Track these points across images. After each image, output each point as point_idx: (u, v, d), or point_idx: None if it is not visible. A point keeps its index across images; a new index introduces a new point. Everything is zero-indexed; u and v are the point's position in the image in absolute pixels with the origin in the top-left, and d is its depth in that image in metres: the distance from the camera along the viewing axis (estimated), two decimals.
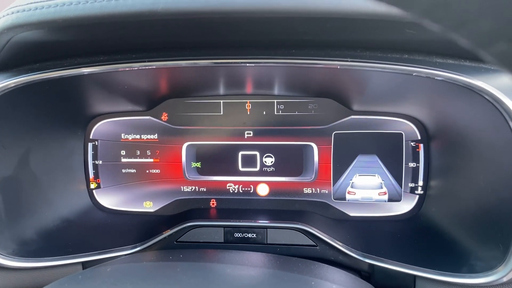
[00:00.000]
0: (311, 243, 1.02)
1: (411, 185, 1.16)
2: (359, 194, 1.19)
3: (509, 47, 0.23)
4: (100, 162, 1.24)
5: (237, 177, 1.23)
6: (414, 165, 1.16)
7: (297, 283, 0.72)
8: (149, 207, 1.26)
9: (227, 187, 1.24)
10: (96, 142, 1.24)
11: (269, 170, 1.22)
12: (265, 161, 1.22)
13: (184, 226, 1.05)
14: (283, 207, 1.22)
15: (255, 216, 1.13)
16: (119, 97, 1.14)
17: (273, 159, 1.21)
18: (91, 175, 1.24)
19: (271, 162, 1.21)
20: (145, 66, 0.86)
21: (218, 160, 1.23)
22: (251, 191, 1.23)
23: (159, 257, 0.83)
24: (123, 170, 1.25)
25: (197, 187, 1.25)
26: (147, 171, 1.25)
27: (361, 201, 1.19)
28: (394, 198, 1.18)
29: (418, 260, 0.92)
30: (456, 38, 0.25)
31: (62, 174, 1.16)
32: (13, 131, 0.98)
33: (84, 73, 0.88)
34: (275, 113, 1.20)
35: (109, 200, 1.26)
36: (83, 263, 0.99)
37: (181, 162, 1.23)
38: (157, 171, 1.25)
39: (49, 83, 0.89)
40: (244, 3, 0.65)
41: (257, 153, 1.21)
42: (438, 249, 0.97)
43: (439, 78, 0.80)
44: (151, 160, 1.24)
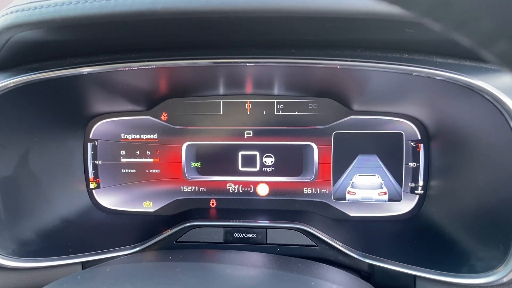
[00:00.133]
0: (311, 243, 1.02)
1: (411, 185, 1.16)
2: (359, 194, 1.19)
3: (510, 46, 0.23)
4: (100, 162, 1.24)
5: (237, 177, 1.23)
6: (414, 165, 1.15)
7: (297, 283, 0.71)
8: (148, 207, 1.25)
9: (227, 187, 1.24)
10: (96, 142, 1.24)
11: (269, 170, 1.22)
12: (265, 161, 1.21)
13: (183, 226, 1.05)
14: (283, 207, 1.22)
15: (255, 216, 1.13)
16: (118, 97, 1.14)
17: (273, 159, 1.21)
18: (90, 175, 1.24)
19: (271, 162, 1.21)
20: (144, 66, 0.86)
21: (218, 160, 1.23)
22: (251, 191, 1.23)
23: (159, 257, 0.82)
24: (122, 170, 1.25)
25: (197, 187, 1.25)
26: (147, 171, 1.25)
27: (361, 201, 1.19)
28: (394, 198, 1.18)
29: (418, 260, 0.92)
30: (457, 38, 0.25)
31: (61, 174, 1.16)
32: (12, 131, 0.98)
33: (83, 73, 0.87)
34: (275, 113, 1.20)
35: (108, 200, 1.26)
36: (82, 263, 0.99)
37: (181, 162, 1.23)
38: (157, 171, 1.24)
39: (48, 82, 0.89)
40: (244, 3, 0.65)
41: (257, 153, 1.21)
42: (438, 249, 0.97)
43: (439, 78, 0.80)
44: (151, 160, 1.24)
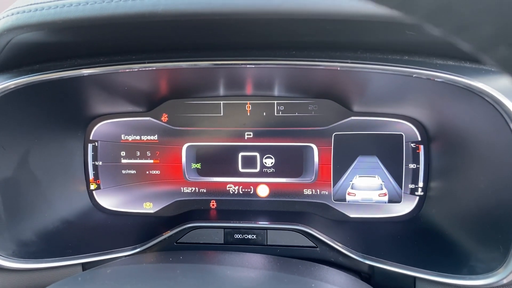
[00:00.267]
0: (311, 244, 1.02)
1: (411, 186, 1.16)
2: (359, 195, 1.19)
3: (510, 52, 0.23)
4: (100, 163, 1.24)
5: (237, 178, 1.23)
6: (414, 166, 1.15)
7: (297, 285, 0.71)
8: (149, 208, 1.26)
9: (227, 188, 1.24)
10: (96, 143, 1.24)
11: (269, 171, 1.22)
12: (265, 162, 1.22)
13: (184, 227, 1.05)
14: (283, 208, 1.22)
15: (255, 217, 1.13)
16: (119, 98, 1.14)
17: (273, 160, 1.21)
18: (91, 176, 1.24)
19: (271, 163, 1.21)
20: (145, 67, 0.86)
21: (218, 161, 1.23)
22: (251, 192, 1.23)
23: (159, 258, 0.83)
24: (123, 171, 1.25)
25: (197, 188, 1.25)
26: (147, 172, 1.25)
27: (361, 202, 1.19)
28: (394, 199, 1.18)
29: (418, 261, 0.92)
30: (457, 42, 0.25)
31: (62, 175, 1.16)
32: (13, 132, 0.98)
33: (84, 74, 0.88)
34: (275, 114, 1.20)
35: (109, 201, 1.25)
36: (83, 264, 0.99)
37: (181, 163, 1.23)
38: (157, 172, 1.25)
39: (49, 84, 0.89)
40: (245, 5, 0.65)
41: (257, 154, 1.21)
42: (438, 251, 0.97)
43: (439, 80, 0.80)
44: (151, 161, 1.24)
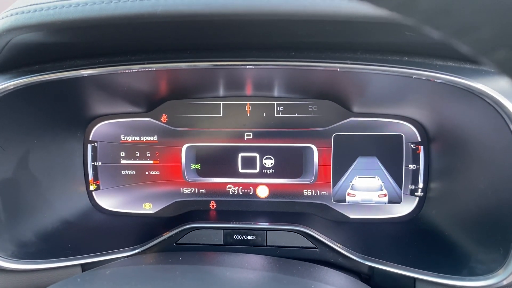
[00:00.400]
0: (311, 245, 1.02)
1: (411, 187, 1.16)
2: (359, 196, 1.19)
3: (509, 54, 0.23)
4: (100, 163, 1.24)
5: (236, 179, 1.23)
6: (414, 167, 1.15)
7: (297, 286, 0.71)
8: (148, 208, 1.25)
9: (227, 189, 1.23)
10: (96, 143, 1.23)
11: (268, 172, 1.22)
12: (265, 163, 1.21)
13: (183, 228, 1.05)
14: (282, 209, 1.21)
15: (254, 218, 1.12)
16: (118, 99, 1.14)
17: (273, 161, 1.21)
18: (90, 177, 1.24)
19: (271, 164, 1.21)
20: (144, 68, 0.86)
21: (217, 162, 1.23)
22: (250, 193, 1.23)
23: (159, 259, 0.82)
24: (122, 171, 1.25)
25: (196, 189, 1.25)
26: (147, 173, 1.24)
27: (361, 203, 1.19)
28: (394, 200, 1.18)
29: (418, 262, 0.92)
30: (457, 45, 0.25)
31: (61, 175, 1.16)
32: (12, 133, 0.98)
33: (83, 75, 0.87)
34: (275, 115, 1.19)
35: (108, 201, 1.25)
36: (82, 265, 0.99)
37: (180, 163, 1.23)
38: (157, 172, 1.24)
39: (48, 84, 0.89)
40: (244, 6, 0.65)
41: (257, 155, 1.21)
42: (438, 252, 0.97)
43: (439, 81, 0.80)
44: (151, 162, 1.24)
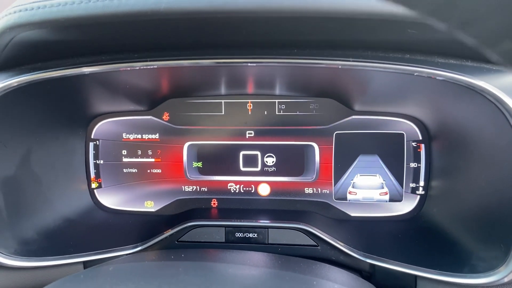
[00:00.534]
0: (312, 243, 1.02)
1: (412, 185, 1.16)
2: (360, 194, 1.19)
3: None
4: (101, 161, 1.24)
5: (238, 177, 1.23)
6: (415, 165, 1.16)
7: (298, 283, 0.72)
8: (150, 206, 1.26)
9: (228, 187, 1.24)
10: (98, 141, 1.24)
11: (270, 170, 1.22)
12: (266, 161, 1.22)
13: (185, 226, 1.05)
14: (284, 207, 1.22)
15: (256, 216, 1.13)
16: (120, 97, 1.14)
17: (274, 159, 1.21)
18: (92, 175, 1.24)
19: (272, 162, 1.21)
20: (147, 65, 0.86)
21: (219, 160, 1.23)
22: (252, 191, 1.23)
23: (161, 256, 0.83)
24: (124, 169, 1.25)
25: (198, 187, 1.25)
26: (148, 171, 1.25)
27: (362, 201, 1.19)
28: (395, 198, 1.18)
29: (419, 260, 0.92)
30: (461, 37, 0.25)
31: (63, 173, 1.16)
32: (14, 130, 0.98)
33: (85, 73, 0.87)
34: (277, 113, 1.20)
35: (110, 199, 1.26)
36: (84, 262, 0.99)
37: (182, 161, 1.23)
38: (158, 170, 1.25)
39: (51, 82, 0.89)
40: (247, 3, 0.65)
41: (258, 153, 1.21)
42: (439, 249, 0.97)
43: (441, 78, 0.80)
44: (153, 160, 1.24)
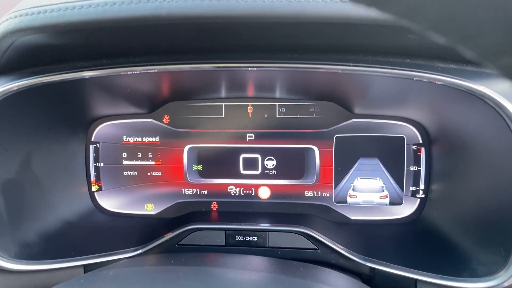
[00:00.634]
0: (313, 246, 1.02)
1: (412, 188, 1.16)
2: (361, 198, 1.19)
3: None
4: (102, 164, 1.24)
5: (238, 180, 1.23)
6: (415, 168, 1.16)
7: (298, 287, 0.72)
8: (150, 209, 1.26)
9: (229, 190, 1.24)
10: (98, 144, 1.24)
11: (270, 173, 1.22)
12: (266, 164, 1.22)
13: (185, 229, 1.05)
14: (284, 210, 1.22)
15: (256, 219, 1.13)
16: (121, 100, 1.14)
17: (274, 162, 1.21)
18: (92, 178, 1.24)
19: (273, 165, 1.21)
20: (147, 70, 0.86)
21: (219, 163, 1.23)
22: (252, 194, 1.23)
23: (161, 261, 0.83)
24: (124, 172, 1.25)
25: (198, 189, 1.25)
26: (149, 174, 1.25)
27: (362, 204, 1.19)
28: (395, 201, 1.18)
29: (419, 264, 0.92)
30: (462, 50, 0.25)
31: (63, 176, 1.16)
32: (15, 134, 0.98)
33: (86, 77, 0.88)
34: (277, 116, 1.20)
35: (110, 202, 1.26)
36: (84, 265, 0.99)
37: (182, 164, 1.23)
38: (159, 173, 1.25)
39: (51, 86, 0.89)
40: (247, 9, 0.65)
41: (258, 156, 1.21)
42: (439, 253, 0.97)
43: (440, 83, 0.80)
44: (153, 163, 1.24)
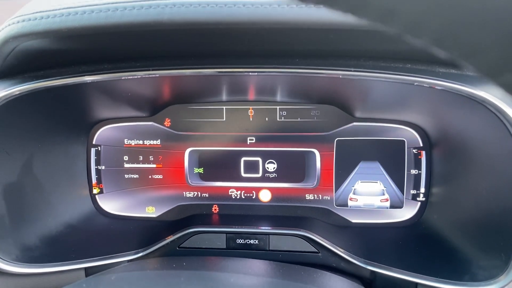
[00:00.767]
0: (313, 249, 1.03)
1: (413, 192, 1.17)
2: (361, 201, 1.19)
3: None
4: (103, 167, 1.25)
5: (239, 183, 1.23)
6: (416, 172, 1.16)
7: None
8: (151, 212, 1.26)
9: (230, 193, 1.24)
10: (99, 147, 1.24)
11: (271, 176, 1.22)
12: (267, 167, 1.22)
13: (186, 232, 1.05)
14: (285, 213, 1.22)
15: (257, 222, 1.13)
16: (122, 103, 1.14)
17: (275, 165, 1.22)
18: (93, 180, 1.24)
19: (274, 168, 1.22)
20: (149, 74, 0.86)
21: (220, 166, 1.23)
22: (253, 197, 1.24)
23: (163, 265, 0.83)
24: (125, 175, 1.25)
25: (199, 192, 1.25)
26: (150, 177, 1.25)
27: (363, 207, 1.20)
28: (396, 204, 1.18)
29: (419, 267, 0.92)
30: (463, 66, 0.26)
31: (65, 179, 1.16)
32: (17, 137, 0.98)
33: (88, 81, 0.88)
34: (278, 119, 1.20)
35: (111, 205, 1.26)
36: (86, 268, 0.99)
37: (183, 167, 1.24)
38: (160, 176, 1.25)
39: (53, 90, 0.90)
40: (248, 15, 0.65)
41: (259, 159, 1.22)
42: (439, 257, 0.97)
43: (441, 88, 0.81)
44: (154, 166, 1.25)
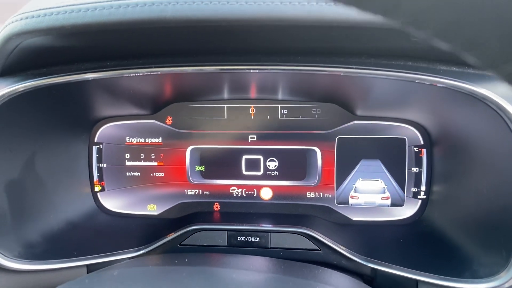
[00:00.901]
0: (314, 247, 1.03)
1: (413, 190, 1.17)
2: (362, 199, 1.19)
3: None
4: (105, 165, 1.25)
5: (240, 180, 1.24)
6: (417, 170, 1.16)
7: (300, 287, 0.72)
8: (153, 210, 1.26)
9: (231, 191, 1.24)
10: (101, 145, 1.24)
11: (272, 174, 1.22)
12: (268, 165, 1.22)
13: (188, 229, 1.05)
14: (286, 211, 1.22)
15: (258, 220, 1.13)
16: (124, 101, 1.15)
17: (276, 163, 1.22)
18: (95, 178, 1.25)
19: (275, 166, 1.22)
20: (151, 72, 0.86)
21: (222, 164, 1.24)
22: (254, 195, 1.24)
23: (165, 261, 0.83)
24: (127, 173, 1.26)
25: (200, 190, 1.25)
26: (151, 174, 1.25)
27: (364, 205, 1.20)
28: (397, 202, 1.18)
29: (420, 265, 0.92)
30: (465, 57, 0.26)
31: (67, 177, 1.17)
32: (19, 134, 0.98)
33: (90, 79, 0.88)
34: (279, 117, 1.20)
35: (113, 203, 1.26)
36: (87, 265, 1.00)
37: (185, 165, 1.24)
38: (161, 174, 1.25)
39: (55, 87, 0.90)
40: (252, 12, 0.66)
41: (260, 157, 1.22)
42: (440, 254, 0.98)
43: (442, 85, 0.81)
44: (155, 164, 1.25)
